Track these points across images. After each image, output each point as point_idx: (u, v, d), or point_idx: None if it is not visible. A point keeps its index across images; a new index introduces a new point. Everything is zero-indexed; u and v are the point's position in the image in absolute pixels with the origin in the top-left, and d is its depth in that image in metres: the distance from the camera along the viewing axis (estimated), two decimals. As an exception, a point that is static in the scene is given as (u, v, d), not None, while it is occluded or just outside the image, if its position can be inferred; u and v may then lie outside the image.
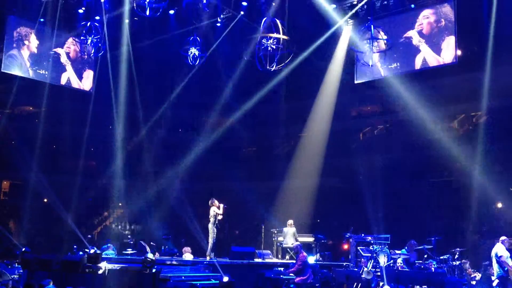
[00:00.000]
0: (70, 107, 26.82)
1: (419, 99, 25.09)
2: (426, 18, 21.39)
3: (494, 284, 14.07)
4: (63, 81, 24.38)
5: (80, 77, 24.82)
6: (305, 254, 14.54)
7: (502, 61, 21.45)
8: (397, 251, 15.59)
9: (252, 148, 32.33)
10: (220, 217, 16.02)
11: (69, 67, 24.31)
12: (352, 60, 23.26)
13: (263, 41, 18.72)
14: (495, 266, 13.25)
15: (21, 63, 22.41)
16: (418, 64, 21.86)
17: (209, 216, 15.99)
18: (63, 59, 24.01)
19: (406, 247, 15.49)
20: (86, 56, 23.54)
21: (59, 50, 23.62)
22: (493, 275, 14.15)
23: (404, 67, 22.16)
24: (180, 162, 28.24)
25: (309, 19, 22.73)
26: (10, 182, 28.53)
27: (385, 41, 19.48)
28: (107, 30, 21.94)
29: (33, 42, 22.64)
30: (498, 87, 22.01)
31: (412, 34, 21.40)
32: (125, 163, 28.14)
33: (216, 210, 15.84)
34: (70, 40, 23.52)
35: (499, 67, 21.46)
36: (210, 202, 16.13)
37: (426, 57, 21.55)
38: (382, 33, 19.68)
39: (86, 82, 24.92)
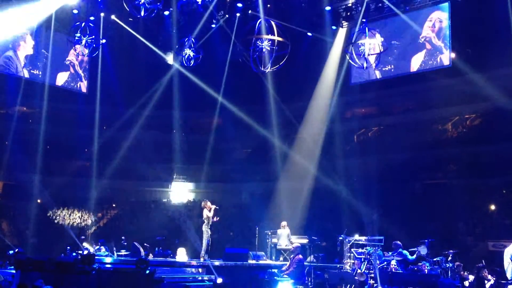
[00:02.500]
0: (64, 107, 26.76)
1: (413, 101, 25.23)
2: (421, 21, 21.51)
3: (488, 285, 14.14)
4: (58, 82, 24.31)
5: (76, 79, 24.77)
6: (301, 256, 14.53)
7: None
8: (390, 253, 15.59)
9: (247, 150, 32.34)
10: (215, 219, 15.99)
11: (69, 68, 24.35)
12: (347, 62, 23.32)
13: (257, 42, 18.71)
14: (509, 267, 13.20)
15: (16, 64, 22.33)
16: (412, 67, 21.95)
17: (203, 218, 15.97)
18: (74, 62, 24.07)
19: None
20: (80, 57, 23.49)
21: (71, 54, 23.64)
22: (489, 280, 14.22)
23: (399, 69, 22.26)
24: (174, 163, 28.23)
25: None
26: (3, 183, 28.40)
27: (379, 43, 19.52)
28: (103, 31, 21.96)
29: (28, 43, 22.57)
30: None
31: (427, 31, 21.42)
32: (119, 164, 28.10)
33: (207, 212, 15.83)
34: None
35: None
36: (202, 203, 16.13)
37: (420, 59, 21.65)
38: (377, 35, 19.75)
39: (82, 83, 24.89)
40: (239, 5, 21.86)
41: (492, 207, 22.82)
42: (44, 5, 20.36)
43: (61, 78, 24.41)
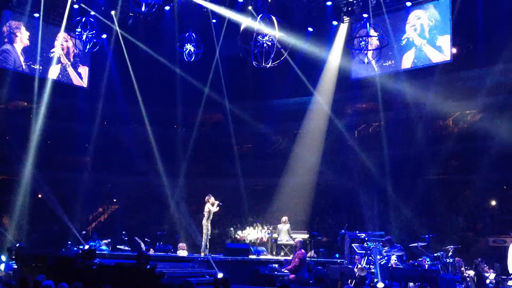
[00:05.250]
0: (64, 102, 26.73)
1: (414, 96, 25.18)
2: (420, 16, 21.44)
3: (488, 280, 14.16)
4: (57, 76, 24.26)
5: (75, 73, 24.72)
6: (303, 251, 14.49)
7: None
8: (388, 248, 15.59)
9: (247, 145, 32.33)
10: (216, 209, 15.98)
11: (65, 62, 24.20)
12: (348, 57, 23.32)
13: (258, 37, 18.62)
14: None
15: (14, 58, 22.28)
16: (413, 62, 21.91)
17: (204, 212, 15.96)
18: (60, 54, 23.87)
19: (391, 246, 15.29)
20: (77, 51, 23.43)
21: (57, 46, 23.46)
22: (488, 276, 14.23)
23: (399, 64, 22.22)
24: (175, 158, 28.22)
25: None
26: (3, 177, 28.41)
27: (380, 38, 19.47)
28: (103, 26, 21.91)
29: (24, 35, 22.47)
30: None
31: (408, 31, 21.45)
32: (120, 159, 28.11)
33: (210, 207, 15.82)
34: (64, 35, 23.35)
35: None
36: (206, 198, 16.10)
37: (422, 55, 21.61)
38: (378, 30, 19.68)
39: (82, 78, 24.84)
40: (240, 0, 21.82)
41: (493, 202, 22.83)
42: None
43: (61, 72, 24.26)
